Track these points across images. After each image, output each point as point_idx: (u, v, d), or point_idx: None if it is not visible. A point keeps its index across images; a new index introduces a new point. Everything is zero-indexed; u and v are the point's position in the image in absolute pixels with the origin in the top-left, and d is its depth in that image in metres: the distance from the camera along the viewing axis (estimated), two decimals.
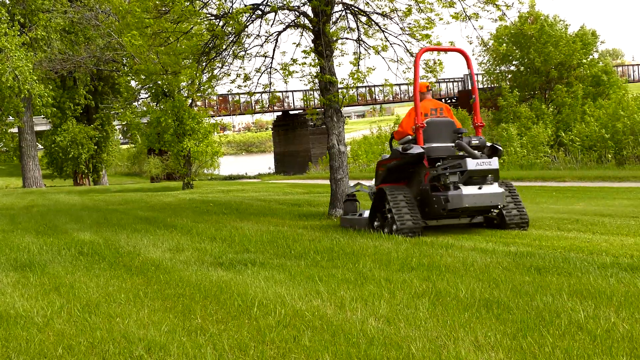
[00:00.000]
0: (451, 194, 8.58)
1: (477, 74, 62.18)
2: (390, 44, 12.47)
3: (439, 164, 8.94)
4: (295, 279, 6.20)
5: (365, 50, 12.63)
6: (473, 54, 56.24)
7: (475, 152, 8.69)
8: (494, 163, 8.63)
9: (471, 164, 8.44)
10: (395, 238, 8.65)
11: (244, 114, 62.20)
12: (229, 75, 13.57)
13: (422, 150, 9.00)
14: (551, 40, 41.02)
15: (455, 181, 8.61)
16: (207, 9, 12.15)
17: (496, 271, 6.13)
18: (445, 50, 11.02)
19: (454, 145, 9.07)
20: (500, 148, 9.05)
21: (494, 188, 8.72)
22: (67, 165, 42.68)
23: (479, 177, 8.58)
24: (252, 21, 12.24)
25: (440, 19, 11.99)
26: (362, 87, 43.26)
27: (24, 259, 8.16)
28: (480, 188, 8.61)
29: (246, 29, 12.33)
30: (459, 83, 69.53)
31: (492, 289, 5.37)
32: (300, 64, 12.40)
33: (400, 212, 8.80)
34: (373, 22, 12.49)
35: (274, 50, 12.62)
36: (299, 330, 4.41)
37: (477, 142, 8.87)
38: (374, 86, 55.37)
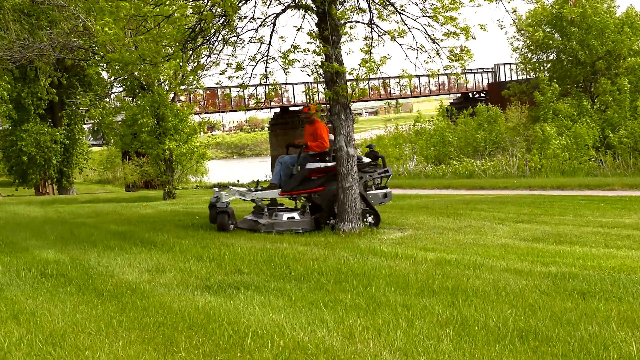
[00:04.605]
0: (387, 191, 13.66)
1: (511, 63, 62.33)
2: (409, 28, 12.43)
3: (368, 169, 13.41)
4: (296, 305, 6.20)
5: (379, 35, 12.60)
6: (505, 34, 56.15)
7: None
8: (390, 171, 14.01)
9: (390, 172, 14.00)
10: (415, 257, 8.68)
11: (235, 111, 62.34)
12: (218, 64, 13.56)
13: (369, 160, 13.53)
14: (597, 27, 40.91)
15: (378, 183, 13.61)
16: None
17: (533, 296, 6.13)
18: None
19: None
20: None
21: None
22: (32, 172, 42.62)
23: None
24: (245, 2, 12.26)
25: (471, 0, 11.94)
26: (374, 79, 43.30)
27: None
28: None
29: (238, 11, 12.33)
30: (489, 74, 69.55)
31: (527, 317, 5.37)
32: (302, 51, 12.39)
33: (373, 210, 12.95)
34: (388, 2, 12.49)
35: (271, 35, 12.62)
36: None
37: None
38: (389, 78, 55.41)
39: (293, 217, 12.74)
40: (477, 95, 68.81)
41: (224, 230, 12.58)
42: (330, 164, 13.01)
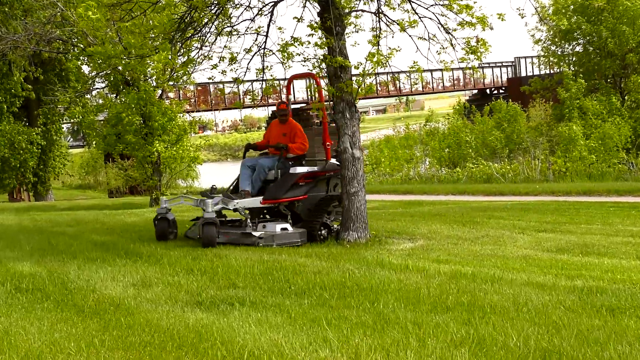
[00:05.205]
0: None
1: (532, 56, 62.29)
2: (420, 17, 12.43)
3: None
4: (296, 322, 6.21)
5: (387, 25, 12.60)
6: (526, 26, 56.15)
7: None
8: None
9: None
10: (427, 270, 8.68)
11: (229, 109, 62.28)
12: (211, 57, 13.57)
13: None
14: (628, 15, 40.72)
15: None
16: None
17: (557, 312, 6.13)
18: (308, 77, 15.07)
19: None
20: None
21: None
22: (7, 177, 42.44)
23: None
24: None
25: None
26: (382, 73, 43.20)
27: None
28: None
29: None
30: (509, 69, 69.48)
31: (551, 336, 5.37)
32: (302, 44, 12.39)
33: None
34: None
35: (268, 25, 12.64)
36: None
37: None
38: (399, 72, 55.38)
39: (286, 229, 12.25)
40: (495, 92, 68.70)
41: (210, 245, 11.78)
42: (316, 168, 13.34)
